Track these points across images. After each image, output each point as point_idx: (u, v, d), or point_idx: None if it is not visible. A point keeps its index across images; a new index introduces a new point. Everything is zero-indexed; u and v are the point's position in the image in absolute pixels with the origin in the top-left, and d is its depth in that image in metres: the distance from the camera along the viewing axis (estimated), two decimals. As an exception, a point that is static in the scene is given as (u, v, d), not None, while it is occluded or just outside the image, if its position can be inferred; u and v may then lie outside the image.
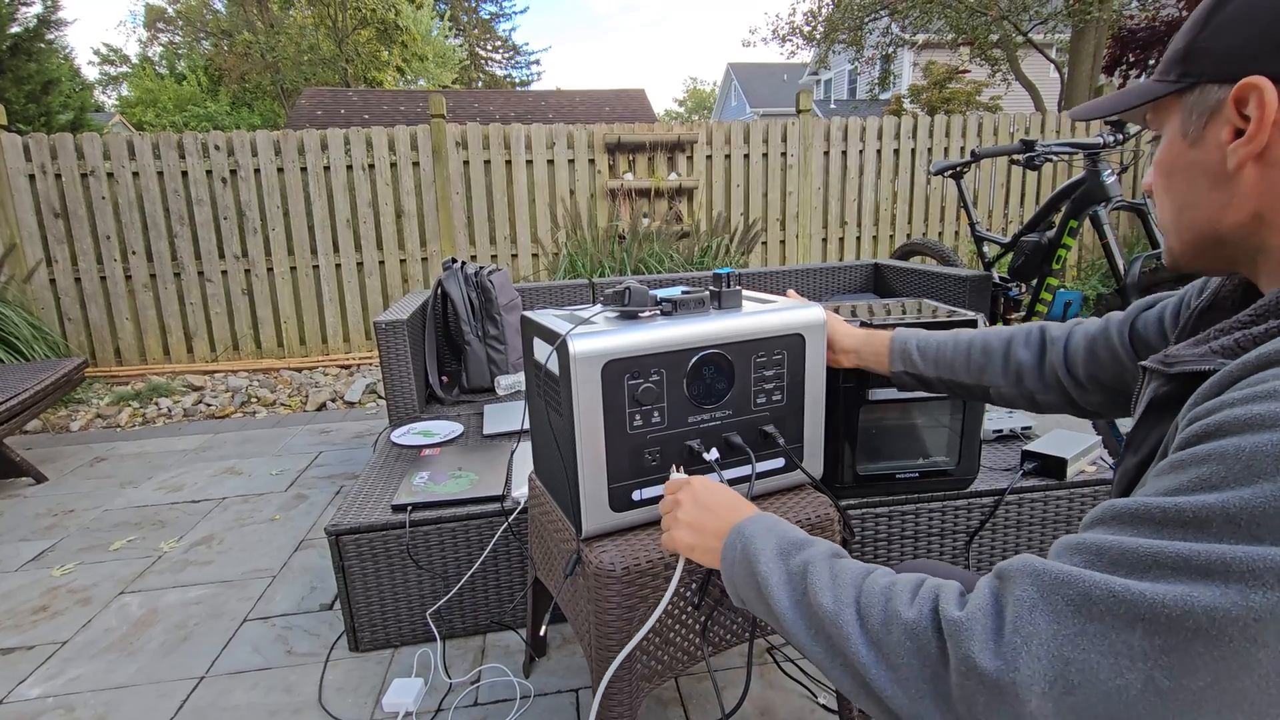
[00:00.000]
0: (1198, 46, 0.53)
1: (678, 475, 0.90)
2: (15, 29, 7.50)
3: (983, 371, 0.96)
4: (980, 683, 0.43)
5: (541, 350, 1.02)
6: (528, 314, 1.09)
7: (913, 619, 0.49)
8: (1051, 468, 1.45)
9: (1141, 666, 0.38)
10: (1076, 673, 0.40)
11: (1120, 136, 1.94)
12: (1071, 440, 1.51)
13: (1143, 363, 0.60)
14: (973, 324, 1.21)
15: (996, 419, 1.71)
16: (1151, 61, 9.77)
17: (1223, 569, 0.37)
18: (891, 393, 1.22)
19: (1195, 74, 0.53)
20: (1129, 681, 0.38)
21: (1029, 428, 1.69)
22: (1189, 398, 0.49)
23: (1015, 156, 2.08)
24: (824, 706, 1.29)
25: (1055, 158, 2.04)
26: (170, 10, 22.97)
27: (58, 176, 4.00)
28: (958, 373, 0.98)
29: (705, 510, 0.78)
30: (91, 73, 24.20)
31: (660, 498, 1.01)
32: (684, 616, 1.01)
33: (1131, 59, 10.01)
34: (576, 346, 0.91)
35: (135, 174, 4.07)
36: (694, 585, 1.00)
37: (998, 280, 2.38)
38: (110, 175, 4.05)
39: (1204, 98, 0.52)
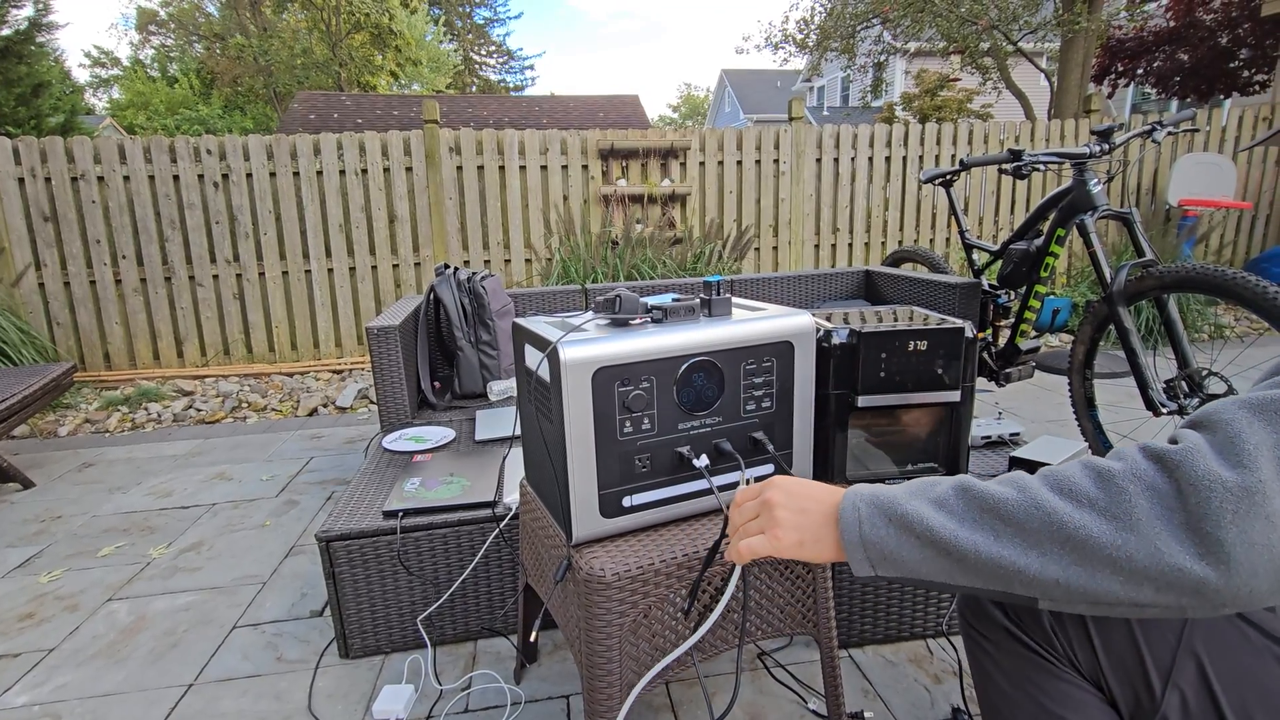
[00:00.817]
0: None
1: (747, 486, 0.79)
2: (6, 31, 7.46)
3: None
4: (1228, 492, 0.45)
5: (533, 357, 1.02)
6: (519, 321, 1.10)
7: (1128, 467, 0.50)
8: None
9: None
10: None
11: (1106, 147, 1.96)
12: (1058, 447, 1.53)
13: None
14: (960, 332, 1.23)
15: (984, 425, 1.72)
16: (1140, 71, 9.90)
17: None
18: (880, 399, 1.23)
19: None
20: None
21: (1016, 434, 1.71)
22: None
23: (1003, 165, 2.10)
24: (814, 712, 1.30)
25: (1043, 167, 2.06)
26: (162, 13, 22.90)
27: (47, 180, 3.98)
28: None
29: (805, 499, 0.69)
30: (82, 75, 24.09)
31: (652, 504, 1.02)
32: (674, 623, 1.02)
33: (1120, 68, 10.13)
34: (567, 354, 0.92)
35: (126, 178, 4.06)
36: (683, 591, 1.01)
37: (987, 287, 2.40)
38: (101, 179, 4.03)
39: None
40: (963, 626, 0.82)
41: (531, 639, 1.46)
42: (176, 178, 4.11)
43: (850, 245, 5.02)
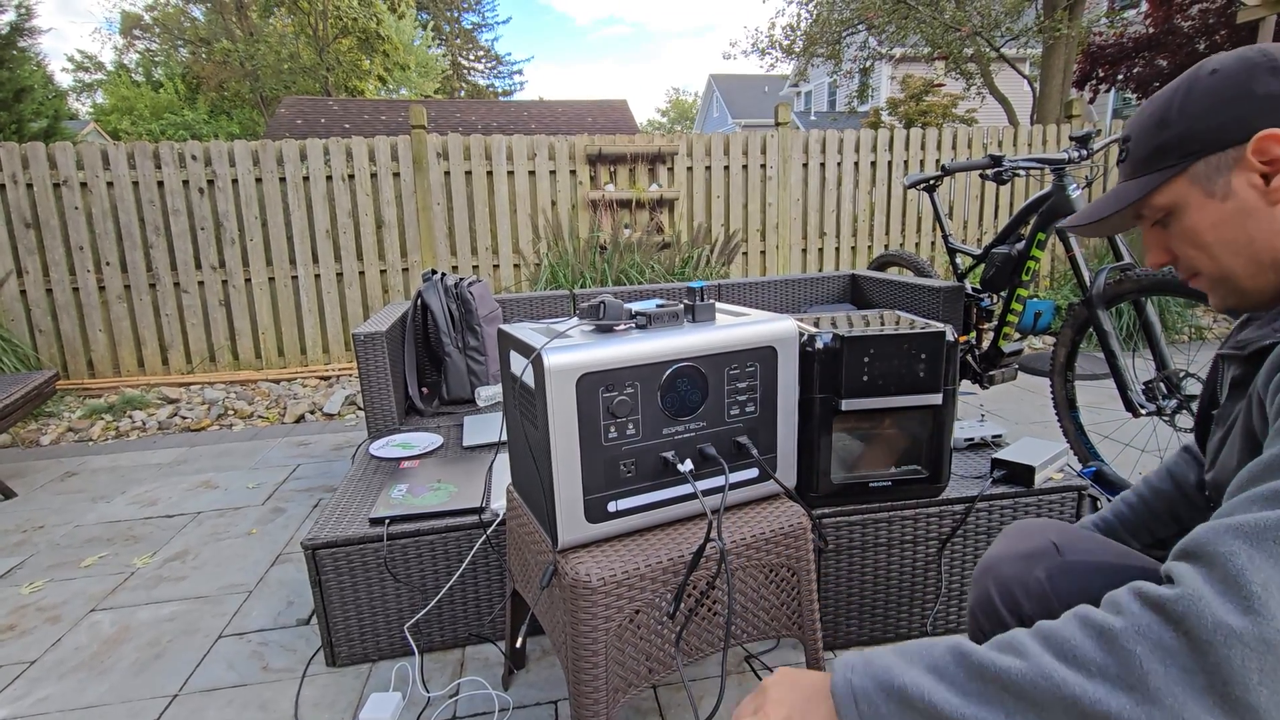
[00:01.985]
0: (1184, 133, 0.65)
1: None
2: (-13, 36, 7.38)
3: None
4: (1247, 646, 0.42)
5: (518, 364, 1.03)
6: (505, 328, 1.10)
7: (1130, 624, 0.46)
8: (1020, 475, 1.48)
9: None
10: None
11: (1084, 152, 1.99)
12: (1039, 448, 1.55)
13: (1219, 351, 0.70)
14: (940, 335, 1.25)
15: (967, 427, 1.74)
16: (1121, 76, 10.05)
17: None
18: (864, 402, 1.25)
19: (1194, 152, 0.65)
20: None
21: (999, 436, 1.73)
22: (1258, 372, 0.60)
23: (985, 171, 2.13)
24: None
25: (1024, 172, 2.09)
26: (147, 17, 22.72)
27: (29, 186, 3.94)
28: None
29: (799, 676, 0.64)
30: (65, 80, 23.85)
31: (637, 509, 1.02)
32: (660, 627, 1.02)
33: (1101, 74, 10.28)
34: (551, 360, 0.92)
35: (110, 184, 4.02)
36: (669, 595, 1.01)
37: (970, 291, 2.43)
38: (84, 185, 4.00)
39: (1218, 163, 0.64)
40: None
41: (519, 645, 1.46)
42: (161, 183, 4.08)
43: (837, 249, 5.06)
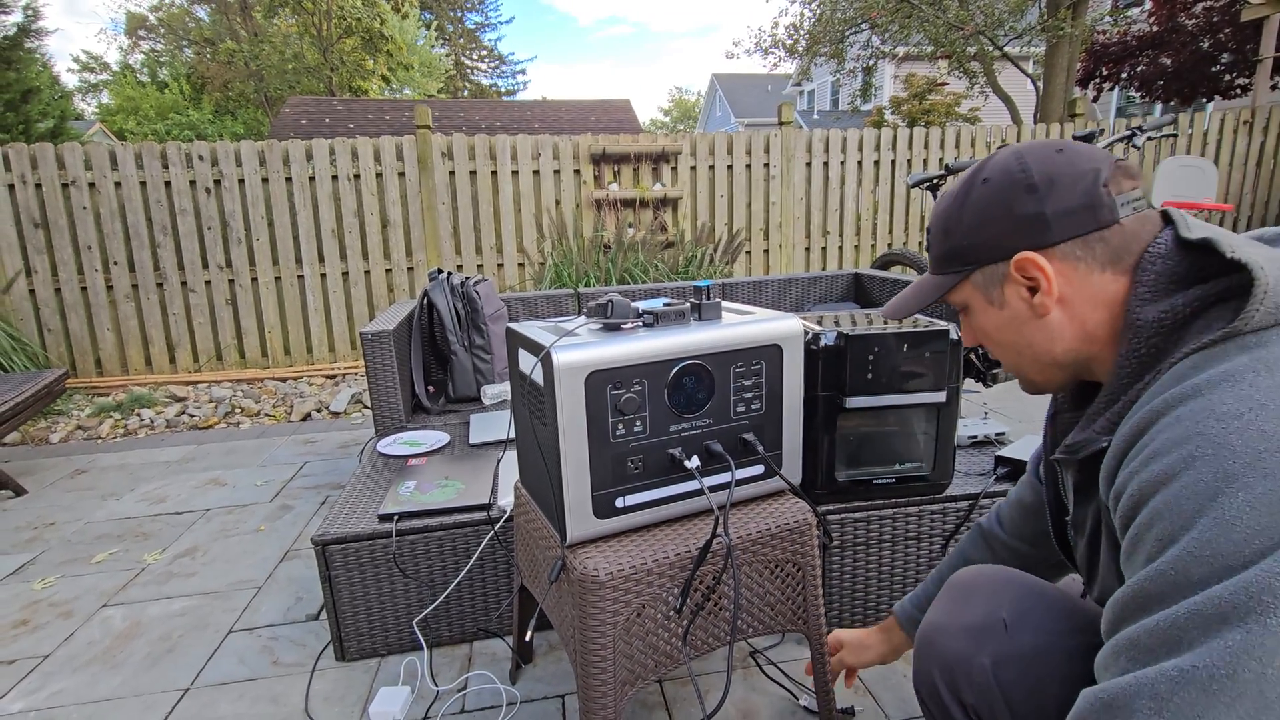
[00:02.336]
0: (961, 245, 0.71)
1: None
2: (-6, 37, 7.42)
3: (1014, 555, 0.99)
4: None
5: (526, 361, 1.04)
6: (513, 326, 1.12)
7: None
8: (1023, 472, 1.49)
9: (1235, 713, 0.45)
10: None
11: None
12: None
13: (1053, 457, 0.70)
14: (944, 334, 1.26)
15: (970, 425, 1.75)
16: (1125, 75, 10.03)
17: (1229, 610, 0.45)
18: (868, 400, 1.26)
19: (973, 261, 0.70)
20: None
21: (1002, 433, 1.74)
22: (1099, 475, 0.61)
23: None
24: (805, 708, 1.32)
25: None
26: (152, 18, 22.80)
27: (38, 186, 3.97)
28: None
29: None
30: (71, 80, 23.95)
31: (644, 505, 1.04)
32: (668, 621, 1.04)
33: (1104, 72, 10.26)
34: (560, 358, 0.94)
35: (117, 184, 4.05)
36: (676, 590, 1.03)
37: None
38: (92, 185, 4.03)
39: (990, 275, 0.70)
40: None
41: (527, 639, 1.47)
42: (168, 183, 4.11)
43: (840, 248, 5.06)
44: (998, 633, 0.74)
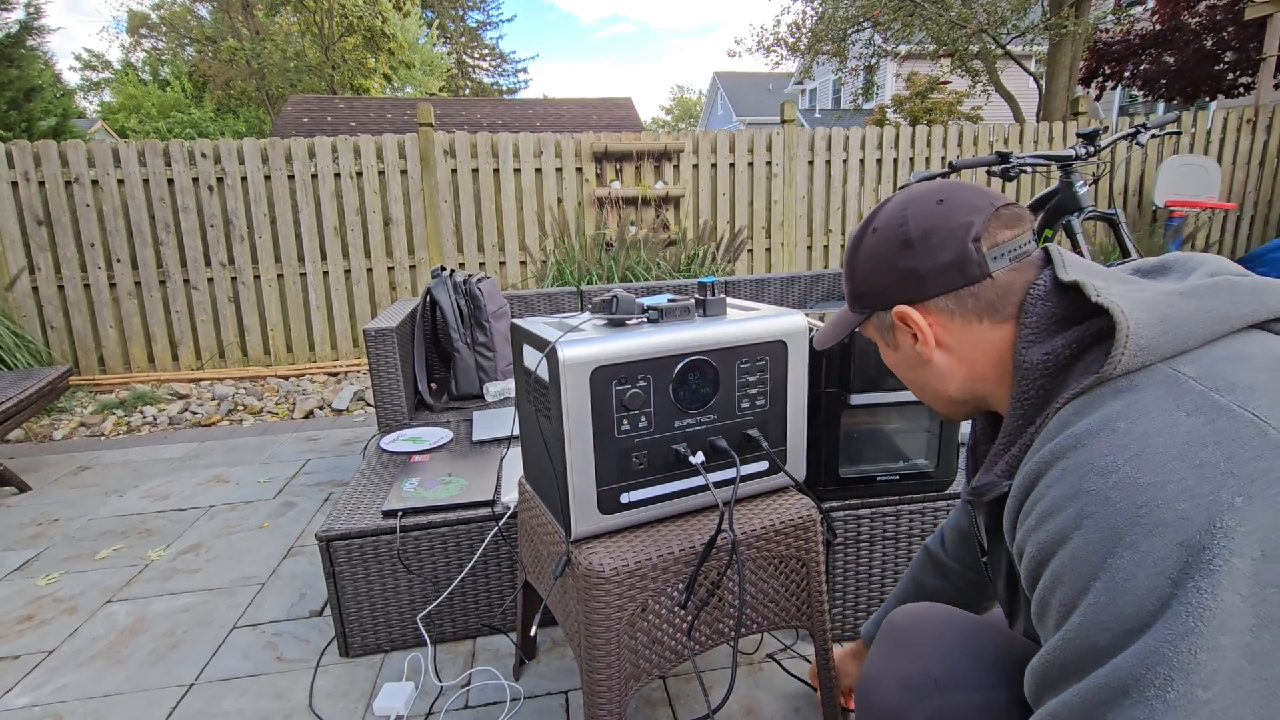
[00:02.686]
0: (858, 289, 0.75)
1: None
2: (-3, 35, 7.43)
3: (956, 587, 1.03)
4: None
5: (531, 357, 1.04)
6: (518, 322, 1.12)
7: None
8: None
9: None
10: None
11: (1091, 149, 2.00)
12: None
13: (963, 498, 0.73)
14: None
15: (975, 423, 1.75)
16: (1127, 74, 10.01)
17: (1131, 684, 0.46)
18: (872, 397, 1.26)
19: (869, 306, 0.75)
20: None
21: (1006, 431, 1.74)
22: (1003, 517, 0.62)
23: (991, 168, 2.14)
24: (804, 681, 1.32)
25: (1030, 169, 2.10)
26: (154, 16, 22.81)
27: (41, 184, 3.97)
28: (942, 596, 1.04)
29: None
30: (73, 78, 23.97)
31: (649, 500, 1.04)
32: (672, 617, 1.04)
33: (1107, 71, 10.24)
34: (565, 353, 0.94)
35: (120, 181, 4.06)
36: (680, 585, 1.03)
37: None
38: (95, 183, 4.03)
39: (881, 320, 0.74)
40: None
41: (531, 634, 1.48)
42: (171, 181, 4.11)
43: (842, 247, 5.06)
44: (929, 690, 0.74)
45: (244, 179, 4.19)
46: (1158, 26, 9.53)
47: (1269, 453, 0.46)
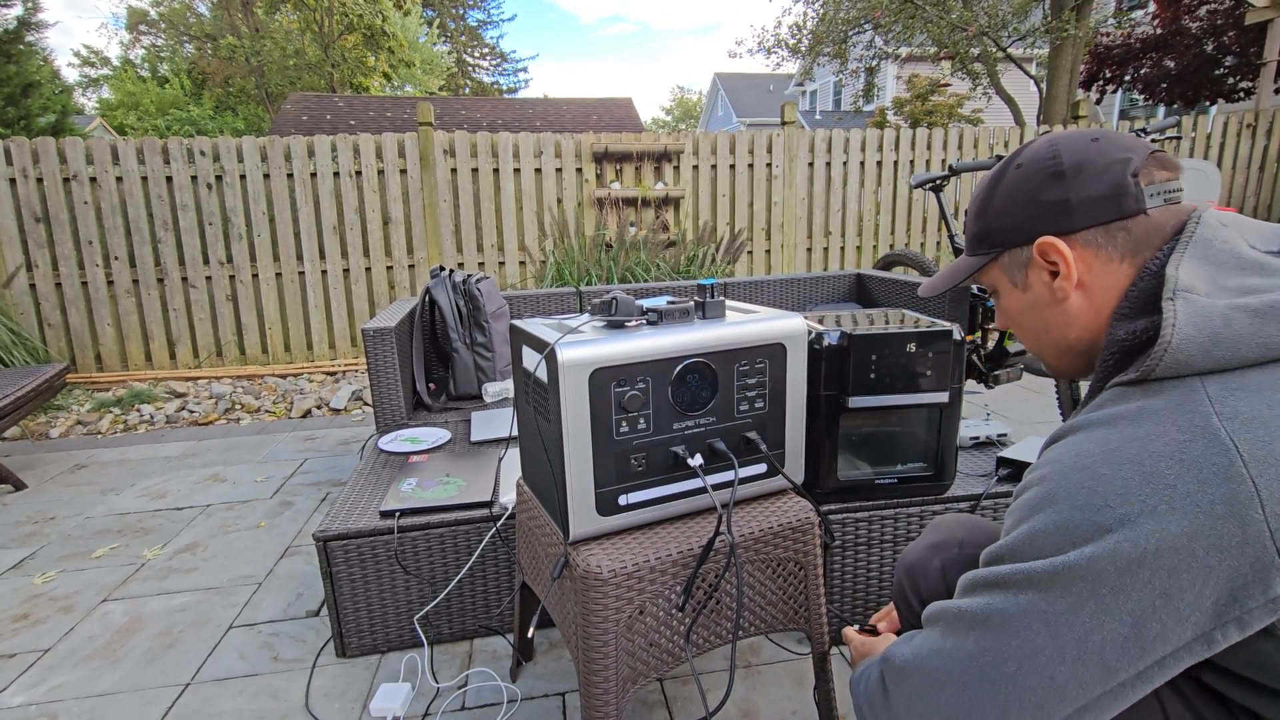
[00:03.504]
0: (991, 228, 0.73)
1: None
2: (-5, 31, 7.40)
3: None
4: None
5: (530, 359, 1.04)
6: (517, 323, 1.12)
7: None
8: (1025, 473, 1.49)
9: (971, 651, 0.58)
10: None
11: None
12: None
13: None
14: (948, 334, 1.26)
15: (972, 426, 1.75)
16: (1128, 77, 10.03)
17: (1000, 583, 0.58)
18: (871, 400, 1.26)
19: (1000, 244, 0.72)
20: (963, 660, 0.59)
21: (1004, 434, 1.74)
22: None
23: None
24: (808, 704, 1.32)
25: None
26: (153, 13, 22.77)
27: (39, 181, 3.96)
28: None
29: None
30: (71, 75, 23.92)
31: (647, 502, 1.04)
32: (670, 619, 1.04)
33: (1108, 74, 10.26)
34: (565, 355, 0.93)
35: (119, 178, 4.05)
36: (679, 587, 1.03)
37: (976, 291, 2.43)
38: (93, 180, 4.02)
39: (1015, 257, 0.71)
40: None
41: (529, 635, 1.47)
42: (170, 179, 4.10)
43: (842, 248, 5.06)
44: (951, 548, 0.89)
45: (243, 177, 4.19)
46: (1158, 30, 9.55)
47: (1216, 479, 0.50)
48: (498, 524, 1.48)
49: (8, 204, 3.93)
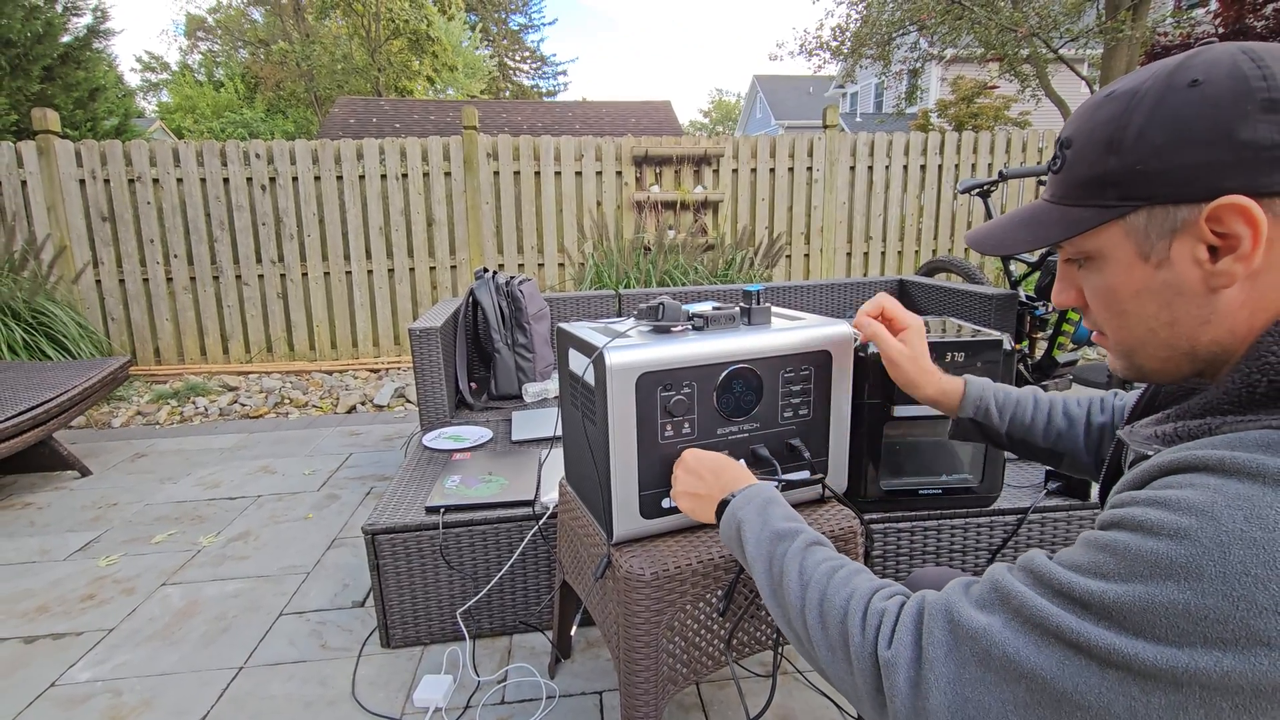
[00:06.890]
0: (1136, 169, 0.49)
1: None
2: (66, 39, 7.79)
3: (1060, 437, 0.89)
4: (903, 705, 0.53)
5: (578, 361, 1.06)
6: (564, 326, 1.14)
7: (859, 647, 0.58)
8: (1075, 487, 1.45)
9: (1020, 714, 0.47)
10: (974, 709, 0.49)
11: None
12: (1095, 461, 1.52)
13: (1119, 432, 0.60)
14: (998, 344, 1.24)
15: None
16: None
17: (1087, 648, 0.44)
18: (916, 409, 1.24)
19: (1143, 196, 0.50)
20: None
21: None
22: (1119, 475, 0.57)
23: (1043, 178, 2.09)
24: (848, 714, 1.31)
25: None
26: (210, 20, 23.69)
27: (106, 182, 4.16)
28: (1034, 435, 0.90)
29: (695, 479, 0.92)
30: (134, 79, 25.02)
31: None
32: (709, 623, 1.04)
33: (1165, 76, 9.87)
34: (612, 359, 0.95)
35: (179, 180, 4.22)
36: (720, 591, 1.03)
37: (1024, 299, 2.38)
38: (156, 181, 4.21)
39: (1162, 219, 0.49)
40: None
41: (571, 634, 1.49)
42: (226, 180, 4.27)
43: (883, 254, 4.99)
44: None
45: (295, 179, 4.33)
46: (1220, 30, 9.17)
47: None
48: (539, 522, 1.51)
49: (77, 204, 4.14)
